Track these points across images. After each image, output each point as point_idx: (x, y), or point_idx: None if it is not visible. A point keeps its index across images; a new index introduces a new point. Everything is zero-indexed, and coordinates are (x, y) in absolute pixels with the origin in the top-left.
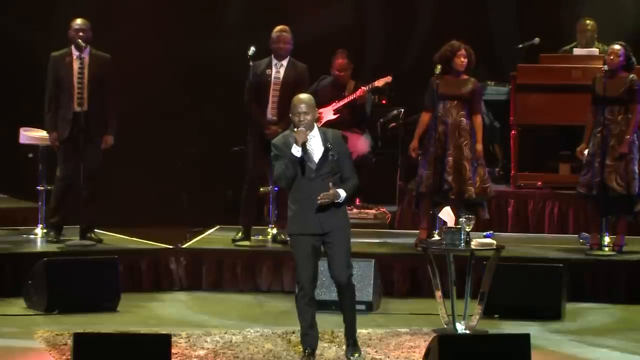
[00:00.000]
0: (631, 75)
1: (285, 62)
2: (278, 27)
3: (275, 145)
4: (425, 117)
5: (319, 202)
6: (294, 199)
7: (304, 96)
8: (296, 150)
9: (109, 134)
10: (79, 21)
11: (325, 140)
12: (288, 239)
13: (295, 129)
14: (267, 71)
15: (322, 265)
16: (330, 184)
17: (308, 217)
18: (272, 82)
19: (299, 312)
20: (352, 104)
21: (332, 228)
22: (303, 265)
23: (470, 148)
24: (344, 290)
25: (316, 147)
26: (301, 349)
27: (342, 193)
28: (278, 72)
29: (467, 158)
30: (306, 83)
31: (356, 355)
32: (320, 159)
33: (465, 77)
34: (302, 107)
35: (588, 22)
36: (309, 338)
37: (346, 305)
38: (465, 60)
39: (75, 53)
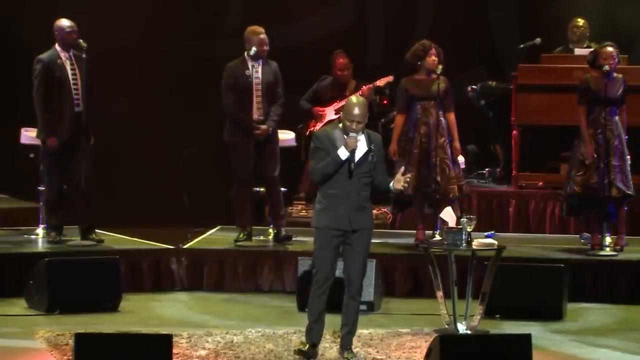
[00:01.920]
0: (621, 76)
1: (261, 62)
2: (257, 29)
3: (317, 137)
4: (400, 119)
5: (398, 188)
6: (325, 194)
7: (358, 101)
8: (343, 154)
9: (92, 133)
10: (68, 22)
11: (369, 142)
12: (290, 234)
13: (348, 134)
14: (246, 72)
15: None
16: (408, 175)
17: (338, 214)
18: (254, 82)
19: (309, 305)
20: None
21: (359, 227)
22: (324, 259)
23: (449, 147)
24: (353, 292)
25: (360, 146)
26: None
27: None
28: (257, 72)
29: (449, 157)
30: (280, 80)
31: (354, 359)
32: (361, 159)
33: (436, 76)
34: (357, 116)
35: (580, 20)
36: (313, 332)
37: (354, 309)
38: (436, 59)
39: (63, 54)
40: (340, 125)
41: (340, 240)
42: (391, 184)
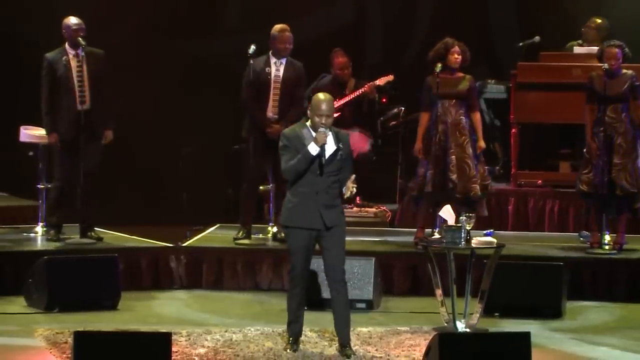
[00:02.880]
0: (630, 72)
1: (284, 61)
2: (280, 27)
3: (286, 136)
4: (425, 117)
5: (347, 195)
6: (295, 192)
7: (325, 97)
8: (314, 150)
9: (109, 128)
10: (75, 20)
11: (337, 140)
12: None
13: (317, 130)
14: (267, 69)
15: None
16: (353, 176)
17: (309, 212)
18: (273, 80)
19: (287, 302)
20: (358, 100)
21: (332, 224)
22: (299, 257)
23: (471, 146)
24: (339, 287)
25: (329, 145)
26: (289, 345)
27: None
28: (278, 70)
29: (470, 156)
30: (304, 81)
31: (351, 355)
32: (330, 157)
33: (461, 74)
34: (325, 110)
35: (598, 20)
36: (294, 326)
37: (343, 303)
38: (460, 57)
39: (71, 52)
40: (308, 123)
41: (313, 238)
42: (344, 188)
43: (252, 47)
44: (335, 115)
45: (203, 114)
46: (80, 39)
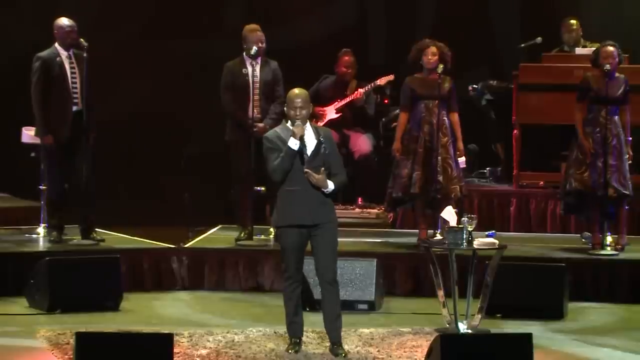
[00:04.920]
0: (623, 76)
1: (259, 60)
2: (251, 27)
3: (268, 139)
4: (404, 118)
5: (305, 173)
6: (284, 192)
7: (299, 91)
8: (294, 144)
9: (93, 132)
10: (68, 22)
11: (317, 135)
12: None
13: (294, 124)
14: (244, 70)
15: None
16: (322, 169)
17: (297, 209)
18: (251, 81)
19: (284, 301)
20: (351, 105)
21: (321, 221)
22: (291, 256)
23: (452, 147)
24: (329, 287)
25: (309, 140)
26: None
27: (331, 185)
28: (255, 70)
29: (451, 157)
30: (281, 79)
31: (342, 355)
32: (313, 152)
33: (437, 75)
34: (299, 102)
35: (573, 22)
36: (295, 326)
37: (332, 302)
38: (434, 57)
39: (63, 52)
40: (288, 124)
41: (304, 237)
42: (330, 186)
43: (254, 48)
44: (336, 115)
45: (204, 114)
46: (82, 40)
